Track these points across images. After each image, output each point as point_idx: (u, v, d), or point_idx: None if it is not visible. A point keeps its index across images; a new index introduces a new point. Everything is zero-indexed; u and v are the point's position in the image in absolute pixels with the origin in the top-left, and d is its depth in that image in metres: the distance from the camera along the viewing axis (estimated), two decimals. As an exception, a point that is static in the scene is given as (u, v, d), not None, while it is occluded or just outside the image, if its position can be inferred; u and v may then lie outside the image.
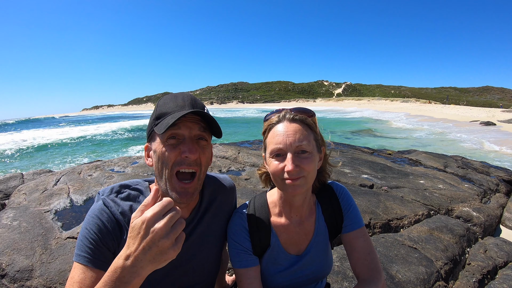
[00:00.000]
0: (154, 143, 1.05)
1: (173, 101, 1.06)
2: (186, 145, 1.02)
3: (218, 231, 1.28)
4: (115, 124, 46.90)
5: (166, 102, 1.06)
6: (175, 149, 1.01)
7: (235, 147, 6.58)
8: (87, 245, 1.00)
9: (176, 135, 1.02)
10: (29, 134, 34.07)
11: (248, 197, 3.54)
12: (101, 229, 1.02)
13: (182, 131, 1.02)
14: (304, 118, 1.14)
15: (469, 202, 3.97)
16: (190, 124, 1.03)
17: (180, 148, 1.01)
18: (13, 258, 2.37)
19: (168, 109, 1.03)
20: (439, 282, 2.35)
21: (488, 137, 17.05)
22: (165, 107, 1.05)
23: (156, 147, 1.04)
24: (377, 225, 3.13)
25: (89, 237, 1.01)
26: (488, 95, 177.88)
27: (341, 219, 1.28)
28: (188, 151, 1.01)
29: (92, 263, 0.99)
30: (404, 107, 57.09)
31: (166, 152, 1.01)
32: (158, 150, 1.02)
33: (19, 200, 3.64)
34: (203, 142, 1.08)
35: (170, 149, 1.01)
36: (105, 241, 1.02)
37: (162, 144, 1.02)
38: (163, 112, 1.04)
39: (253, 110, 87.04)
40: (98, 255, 1.01)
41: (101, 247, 1.01)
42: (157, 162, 1.03)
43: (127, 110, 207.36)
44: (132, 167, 4.84)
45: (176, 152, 1.01)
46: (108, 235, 1.03)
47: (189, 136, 1.03)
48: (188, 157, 1.01)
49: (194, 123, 1.04)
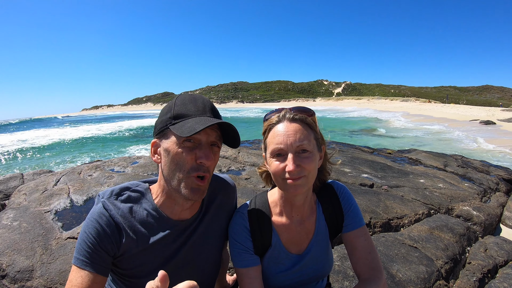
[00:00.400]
0: (166, 141, 1.05)
1: (193, 103, 1.07)
2: (203, 151, 1.03)
3: (219, 231, 1.29)
4: (116, 123, 47.15)
5: (185, 103, 1.07)
6: (191, 153, 1.02)
7: (235, 146, 6.57)
8: (86, 249, 1.01)
9: (194, 139, 1.03)
10: (30, 134, 34.10)
11: (248, 196, 3.54)
12: (99, 233, 1.02)
13: (201, 137, 1.04)
14: (304, 118, 1.14)
15: (469, 201, 3.97)
16: (209, 131, 1.05)
17: (196, 153, 1.03)
18: (13, 258, 2.37)
19: (188, 112, 1.04)
20: (440, 281, 2.36)
21: (484, 136, 17.09)
22: (184, 108, 1.05)
23: (169, 146, 1.04)
24: (377, 224, 3.14)
25: (87, 240, 1.01)
26: (488, 94, 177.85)
27: (341, 218, 1.29)
28: (204, 157, 1.02)
29: (90, 267, 1.00)
30: (404, 106, 57.10)
31: (183, 154, 1.02)
32: (173, 151, 1.03)
33: (19, 200, 3.64)
34: (216, 148, 1.10)
35: (187, 152, 1.02)
36: (103, 245, 1.02)
37: (177, 145, 1.02)
38: (182, 114, 1.04)
39: (253, 110, 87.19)
40: (96, 259, 1.01)
41: (99, 251, 1.01)
42: (170, 162, 1.04)
43: (127, 110, 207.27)
44: (132, 167, 4.84)
45: (192, 156, 1.03)
46: (107, 239, 1.03)
47: (206, 142, 1.05)
48: (203, 163, 1.03)
49: (212, 130, 1.06)
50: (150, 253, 1.10)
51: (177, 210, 1.14)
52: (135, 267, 1.10)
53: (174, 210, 1.14)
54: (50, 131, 38.77)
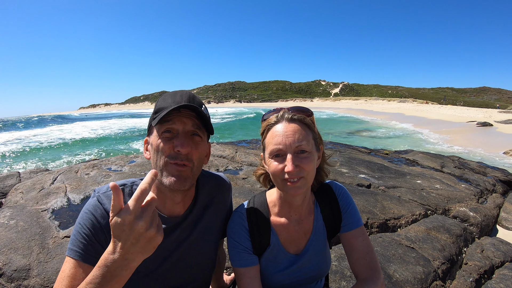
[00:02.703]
0: (151, 136, 1.11)
1: (172, 97, 1.09)
2: (179, 139, 1.05)
3: (214, 228, 1.29)
4: (116, 123, 47.46)
5: (165, 98, 1.10)
6: (168, 142, 1.05)
7: (233, 146, 6.58)
8: (80, 240, 1.01)
9: (171, 129, 1.06)
10: (28, 133, 33.96)
11: (245, 196, 3.54)
12: (94, 225, 1.03)
13: (177, 126, 1.06)
14: (302, 118, 1.14)
15: (466, 202, 4.00)
16: (185, 119, 1.07)
17: (173, 142, 1.05)
18: (10, 257, 2.36)
19: (165, 104, 1.07)
20: (436, 282, 2.37)
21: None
22: (163, 102, 1.08)
23: (152, 140, 1.09)
24: (374, 224, 3.15)
25: (82, 232, 1.02)
26: (485, 96, 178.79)
27: (339, 218, 1.29)
28: (180, 145, 1.04)
29: (84, 258, 1.00)
30: (401, 107, 57.21)
31: (161, 144, 1.05)
32: (154, 143, 1.07)
33: (16, 199, 3.62)
34: (197, 138, 1.11)
35: (165, 142, 1.05)
36: (98, 237, 1.03)
37: (157, 137, 1.07)
38: (161, 107, 1.07)
39: (251, 110, 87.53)
40: (90, 251, 1.01)
41: (93, 243, 1.02)
42: (154, 154, 1.08)
43: (125, 109, 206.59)
44: (129, 166, 4.83)
45: (170, 145, 1.05)
46: (101, 230, 1.03)
47: (182, 131, 1.07)
48: (180, 151, 1.04)
49: (188, 118, 1.08)
50: None
51: (169, 204, 1.15)
52: None
53: (166, 205, 1.15)
54: (50, 128, 39.06)
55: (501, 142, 15.10)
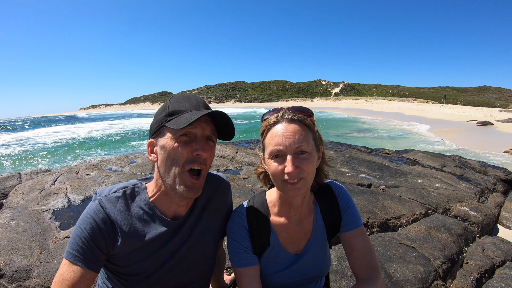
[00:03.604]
0: (162, 139, 1.07)
1: (187, 101, 1.10)
2: (199, 143, 1.05)
3: (214, 229, 1.29)
4: (117, 123, 47.67)
5: (179, 101, 1.10)
6: (187, 146, 1.04)
7: (233, 146, 6.57)
8: (79, 244, 1.01)
9: (189, 133, 1.05)
10: (28, 134, 34.02)
11: (246, 196, 3.54)
12: (94, 229, 1.03)
13: (196, 131, 1.06)
14: (303, 118, 1.13)
15: (467, 201, 3.99)
16: (204, 124, 1.08)
17: (192, 146, 1.05)
18: (11, 258, 2.36)
19: (183, 108, 1.07)
20: (437, 281, 2.36)
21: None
22: (179, 105, 1.08)
23: (165, 142, 1.06)
24: (375, 224, 3.14)
25: (82, 236, 1.02)
26: (485, 95, 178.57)
27: (339, 218, 1.29)
28: (201, 149, 1.04)
29: (82, 262, 1.00)
30: (401, 106, 57.15)
31: (179, 148, 1.04)
32: (169, 146, 1.05)
33: (16, 199, 3.63)
34: (211, 143, 1.12)
35: (183, 146, 1.04)
36: (97, 241, 1.03)
37: (173, 140, 1.04)
38: (177, 110, 1.07)
39: (250, 110, 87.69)
40: (89, 255, 1.01)
41: (93, 247, 1.02)
42: (166, 157, 1.05)
43: (126, 109, 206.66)
44: (129, 166, 4.83)
45: (188, 149, 1.04)
46: (102, 235, 1.03)
47: (201, 136, 1.07)
48: (200, 154, 1.05)
49: (207, 124, 1.09)
50: (145, 251, 1.11)
51: (173, 207, 1.15)
52: (130, 264, 1.10)
53: (170, 208, 1.15)
54: (50, 129, 39.12)
55: (501, 141, 15.09)
